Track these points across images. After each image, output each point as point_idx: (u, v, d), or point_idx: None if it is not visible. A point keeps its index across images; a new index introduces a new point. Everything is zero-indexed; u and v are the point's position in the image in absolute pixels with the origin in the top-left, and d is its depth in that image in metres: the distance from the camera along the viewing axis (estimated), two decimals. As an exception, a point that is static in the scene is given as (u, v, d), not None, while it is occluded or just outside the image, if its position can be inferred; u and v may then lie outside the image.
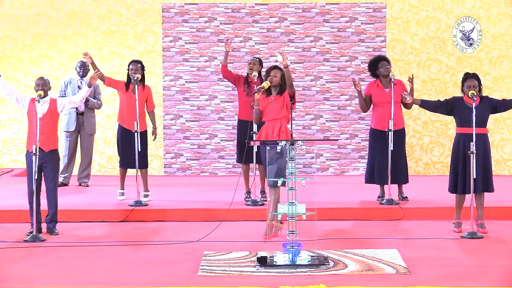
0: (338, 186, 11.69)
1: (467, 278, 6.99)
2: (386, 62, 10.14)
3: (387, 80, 10.07)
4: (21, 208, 9.43)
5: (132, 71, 10.20)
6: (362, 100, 10.19)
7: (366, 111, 10.39)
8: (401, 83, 10.20)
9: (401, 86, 10.13)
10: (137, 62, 10.32)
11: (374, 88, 10.13)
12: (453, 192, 8.95)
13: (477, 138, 8.60)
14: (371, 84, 10.21)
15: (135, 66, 10.24)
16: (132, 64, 10.28)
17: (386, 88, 10.04)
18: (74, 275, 7.19)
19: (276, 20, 12.86)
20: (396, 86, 10.03)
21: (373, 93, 10.11)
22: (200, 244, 8.31)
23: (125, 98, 10.24)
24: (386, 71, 10.06)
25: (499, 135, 12.90)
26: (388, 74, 10.05)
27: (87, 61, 10.14)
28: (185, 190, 11.32)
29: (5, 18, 12.94)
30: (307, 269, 7.26)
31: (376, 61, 10.20)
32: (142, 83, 10.28)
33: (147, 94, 10.35)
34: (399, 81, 10.20)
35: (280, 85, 8.71)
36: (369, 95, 10.16)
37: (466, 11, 12.85)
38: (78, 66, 11.57)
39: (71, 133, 11.55)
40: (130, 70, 10.23)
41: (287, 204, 7.57)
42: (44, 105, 8.81)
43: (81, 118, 11.54)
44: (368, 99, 10.17)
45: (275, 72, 8.68)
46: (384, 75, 10.08)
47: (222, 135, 12.92)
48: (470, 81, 8.84)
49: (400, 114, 10.15)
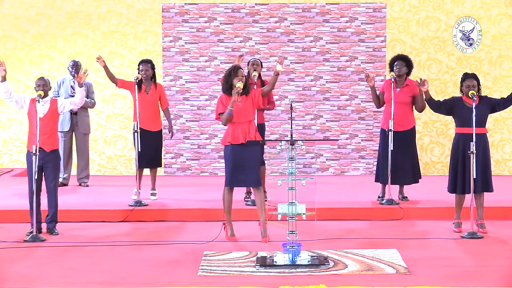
0: (338, 186, 11.69)
1: (467, 278, 6.99)
2: (401, 62, 10.08)
3: (400, 80, 10.06)
4: (21, 208, 9.44)
5: (143, 72, 10.22)
6: (375, 96, 10.19)
7: (379, 107, 10.37)
8: (412, 84, 10.12)
9: (413, 88, 10.01)
10: (147, 62, 10.34)
11: (387, 86, 10.11)
12: (452, 192, 8.96)
13: (477, 138, 8.60)
14: (386, 82, 10.20)
15: (145, 66, 10.27)
16: (142, 64, 10.30)
17: (397, 88, 10.04)
18: (74, 275, 7.19)
19: (276, 20, 12.86)
20: (407, 87, 10.02)
21: (385, 91, 10.12)
22: (200, 244, 8.31)
23: (139, 99, 10.22)
24: (398, 71, 10.03)
25: (499, 135, 12.90)
26: (399, 74, 10.03)
27: (100, 64, 10.15)
28: (185, 190, 11.32)
29: (5, 18, 12.94)
30: (307, 269, 7.26)
31: (392, 60, 10.18)
32: (154, 82, 10.34)
33: (160, 92, 10.39)
34: (412, 82, 10.09)
35: (245, 86, 8.59)
36: (382, 93, 10.17)
37: (466, 11, 12.85)
38: (70, 66, 11.56)
39: (66, 133, 11.54)
40: (140, 71, 10.25)
41: (287, 204, 7.57)
42: (45, 105, 8.81)
43: (75, 118, 11.53)
44: (382, 96, 10.18)
45: (242, 73, 8.62)
46: (397, 75, 10.05)
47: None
48: (469, 81, 8.84)
49: (408, 114, 10.10)
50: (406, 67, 10.09)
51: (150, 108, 10.25)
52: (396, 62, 10.10)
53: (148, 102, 10.23)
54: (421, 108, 10.11)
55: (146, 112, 10.17)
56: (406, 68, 10.09)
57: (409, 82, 10.09)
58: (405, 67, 10.08)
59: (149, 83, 10.29)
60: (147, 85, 10.29)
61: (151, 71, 10.30)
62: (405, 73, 10.09)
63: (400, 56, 10.28)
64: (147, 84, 10.29)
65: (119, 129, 12.82)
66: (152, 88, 10.28)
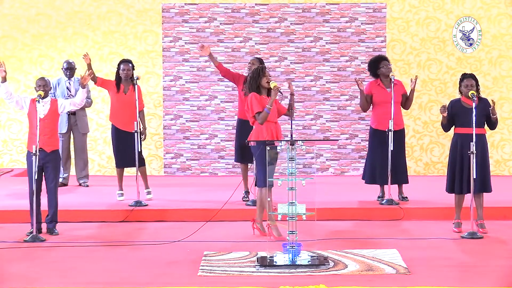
0: (338, 186, 11.69)
1: (467, 278, 6.99)
2: (387, 62, 10.16)
3: (387, 80, 10.08)
4: (21, 208, 9.44)
5: (124, 71, 10.20)
6: (364, 100, 10.18)
7: (366, 111, 10.41)
8: (400, 83, 10.24)
9: (401, 86, 10.17)
10: (128, 62, 10.32)
11: (375, 87, 10.13)
12: (450, 192, 8.97)
13: (476, 138, 8.59)
14: (371, 84, 10.21)
15: (126, 66, 10.25)
16: (124, 64, 10.28)
17: (388, 88, 10.05)
18: (74, 275, 7.19)
19: (276, 20, 12.86)
20: (396, 86, 10.05)
21: (374, 92, 10.12)
22: (200, 244, 8.31)
23: (116, 98, 10.23)
24: (388, 70, 10.07)
25: (499, 135, 12.90)
26: (389, 74, 10.06)
27: (85, 61, 10.12)
28: (185, 190, 11.32)
29: (5, 18, 12.94)
30: (307, 269, 7.26)
31: (376, 60, 10.20)
32: (132, 83, 10.25)
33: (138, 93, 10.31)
34: (398, 81, 10.23)
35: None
36: (370, 95, 10.16)
37: (466, 11, 12.85)
38: (64, 68, 11.54)
39: (64, 134, 11.52)
40: (121, 70, 10.24)
41: (287, 204, 7.57)
42: (45, 106, 8.81)
43: (73, 118, 11.52)
44: (369, 98, 10.17)
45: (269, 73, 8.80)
46: (385, 75, 10.09)
47: (222, 135, 12.92)
48: (467, 81, 8.85)
49: (400, 114, 10.17)
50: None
51: (127, 108, 10.18)
52: (382, 62, 10.12)
53: (126, 102, 10.16)
54: (409, 106, 10.31)
55: (123, 112, 10.13)
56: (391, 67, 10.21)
57: (396, 81, 10.14)
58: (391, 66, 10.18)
59: (127, 83, 10.24)
60: (126, 85, 10.22)
61: (131, 71, 10.28)
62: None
63: (383, 56, 10.38)
64: (126, 84, 10.23)
65: (119, 129, 12.81)
66: (130, 89, 10.23)
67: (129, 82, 10.23)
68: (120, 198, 10.35)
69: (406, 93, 10.17)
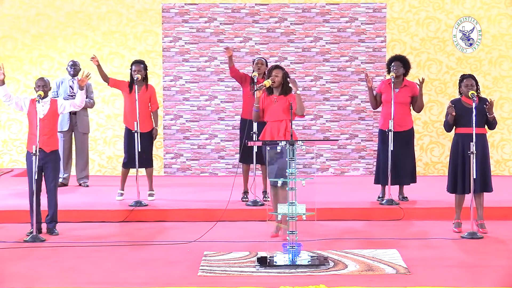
0: (338, 186, 11.69)
1: (467, 278, 6.99)
2: (398, 63, 10.09)
3: (398, 80, 10.06)
4: (21, 208, 9.44)
5: (135, 72, 10.20)
6: (372, 97, 10.18)
7: (375, 108, 10.38)
8: (412, 85, 10.13)
9: (412, 88, 10.07)
10: (140, 63, 10.31)
11: (385, 87, 10.11)
12: (452, 192, 8.96)
13: (476, 138, 8.59)
14: (383, 83, 10.20)
15: (138, 66, 10.24)
16: (135, 65, 10.27)
17: (396, 89, 10.04)
18: (74, 275, 7.19)
19: (276, 20, 12.86)
20: (406, 88, 10.03)
21: (383, 92, 10.12)
22: (200, 244, 8.31)
23: (129, 99, 10.23)
24: (395, 72, 10.03)
25: (499, 135, 12.90)
26: (397, 75, 10.02)
27: (94, 63, 10.14)
28: (185, 190, 11.32)
29: (5, 18, 12.94)
30: (307, 269, 7.26)
31: (391, 60, 10.18)
32: (145, 83, 10.28)
33: (150, 94, 10.32)
34: (411, 83, 10.13)
35: (282, 86, 8.69)
36: (379, 93, 10.17)
37: (466, 11, 12.86)
38: (69, 66, 11.57)
39: (65, 133, 11.53)
40: (133, 71, 10.23)
41: (287, 204, 7.57)
42: (45, 106, 8.81)
43: (74, 117, 11.53)
44: (379, 97, 10.17)
45: (276, 72, 8.66)
46: (395, 76, 10.04)
47: (222, 135, 12.92)
48: (467, 81, 8.86)
49: (407, 115, 10.11)
50: (403, 68, 10.10)
51: (140, 109, 10.17)
52: (393, 62, 10.11)
53: (138, 102, 10.15)
54: (420, 109, 10.17)
55: (133, 112, 10.13)
56: (403, 69, 10.11)
57: (408, 83, 10.10)
58: (402, 68, 10.09)
59: (140, 83, 10.24)
60: (139, 86, 10.23)
61: (143, 71, 10.28)
62: (402, 73, 10.10)
63: (398, 56, 10.28)
64: (139, 85, 10.23)
65: (119, 129, 12.80)
66: (143, 89, 10.24)
67: (141, 82, 10.23)
68: (119, 198, 10.35)
69: (416, 95, 10.09)
